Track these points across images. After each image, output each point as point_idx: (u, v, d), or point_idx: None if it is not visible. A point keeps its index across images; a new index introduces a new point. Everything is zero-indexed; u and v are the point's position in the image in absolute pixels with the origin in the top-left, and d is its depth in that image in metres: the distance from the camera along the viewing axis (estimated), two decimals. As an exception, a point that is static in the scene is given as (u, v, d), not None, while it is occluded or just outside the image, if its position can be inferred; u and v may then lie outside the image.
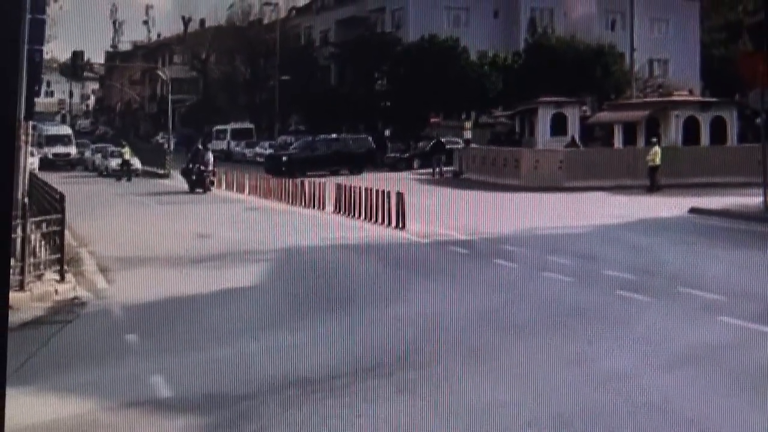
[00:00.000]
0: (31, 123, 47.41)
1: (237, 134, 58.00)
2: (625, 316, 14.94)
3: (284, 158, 45.88)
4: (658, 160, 36.20)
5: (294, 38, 64.44)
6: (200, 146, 41.18)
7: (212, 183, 38.75)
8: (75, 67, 59.00)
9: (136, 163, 45.91)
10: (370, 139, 49.25)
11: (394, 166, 47.75)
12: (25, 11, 20.19)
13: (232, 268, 19.89)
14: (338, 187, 30.21)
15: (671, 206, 29.25)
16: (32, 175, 25.56)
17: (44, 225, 19.00)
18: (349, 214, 28.68)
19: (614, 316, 14.98)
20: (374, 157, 47.54)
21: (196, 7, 69.23)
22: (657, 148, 37.04)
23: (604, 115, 48.66)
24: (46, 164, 48.96)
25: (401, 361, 12.44)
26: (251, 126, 59.18)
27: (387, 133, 54.43)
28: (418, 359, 12.51)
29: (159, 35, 70.62)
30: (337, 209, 29.65)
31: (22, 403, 10.69)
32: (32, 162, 30.90)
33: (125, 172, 44.57)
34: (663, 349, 12.92)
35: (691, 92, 52.38)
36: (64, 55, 61.00)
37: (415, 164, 48.13)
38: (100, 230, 25.15)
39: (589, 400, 10.77)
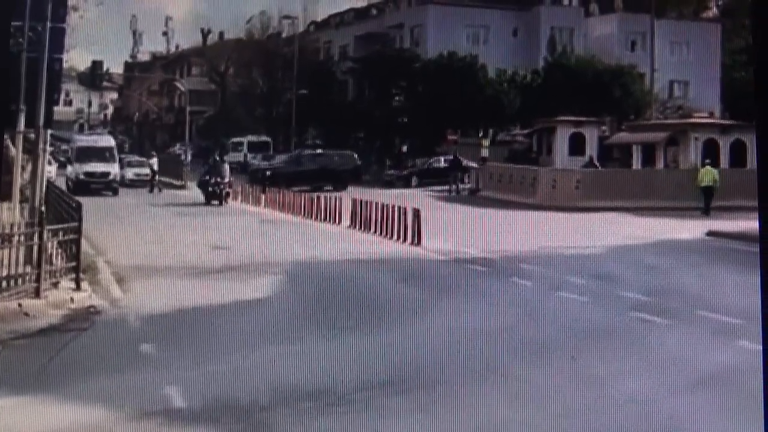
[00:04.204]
0: (65, 133, 46.69)
1: (254, 147, 57.96)
2: (641, 339, 14.83)
3: (268, 172, 45.61)
4: (711, 182, 35.86)
5: (312, 52, 64.51)
6: (217, 158, 41.21)
7: (228, 195, 38.77)
8: (94, 77, 58.79)
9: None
10: (355, 155, 49.05)
11: (392, 184, 47.44)
12: (47, 20, 20.31)
13: (247, 280, 19.88)
14: (354, 201, 30.17)
15: (689, 228, 29.10)
16: (49, 183, 25.57)
17: (61, 233, 19.01)
18: (365, 229, 28.62)
19: (630, 338, 14.88)
20: (360, 174, 47.19)
21: (215, 19, 69.34)
22: (713, 170, 36.74)
23: (623, 136, 48.46)
24: (77, 188, 38.68)
25: (417, 378, 12.37)
26: (268, 139, 59.18)
27: (404, 149, 54.37)
28: (433, 377, 12.44)
29: (178, 47, 70.82)
30: (353, 224, 29.59)
31: (36, 411, 10.68)
32: (49, 170, 30.90)
33: (152, 182, 44.35)
34: (680, 372, 12.82)
35: (711, 114, 52.12)
36: (84, 64, 61.13)
37: (414, 182, 47.85)
38: (116, 240, 25.16)
39: (604, 422, 10.69)
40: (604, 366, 13.15)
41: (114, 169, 42.47)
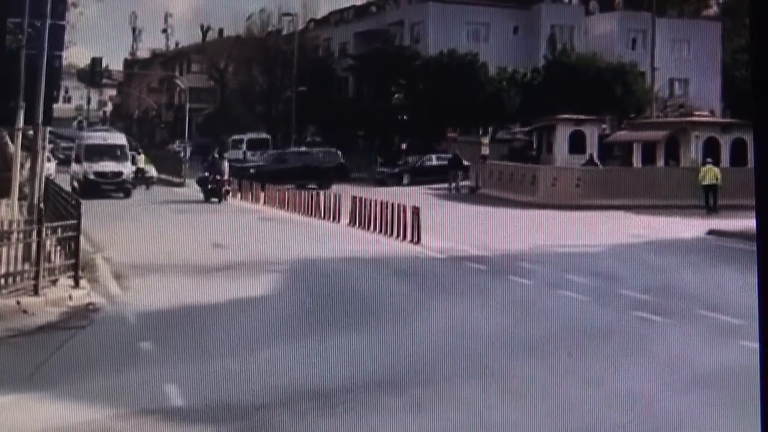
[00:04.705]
0: (65, 131, 45.98)
1: (253, 144, 57.93)
2: (642, 338, 14.79)
3: (252, 170, 45.38)
4: (713, 179, 35.87)
5: (312, 50, 64.54)
6: (216, 156, 41.17)
7: (227, 192, 38.74)
8: (93, 74, 58.74)
9: (152, 171, 45.56)
10: (339, 153, 49.03)
11: (383, 182, 47.31)
12: (46, 17, 20.27)
13: (246, 278, 19.84)
14: (354, 199, 30.14)
15: (690, 227, 29.09)
16: (48, 180, 25.53)
17: (59, 230, 18.97)
18: (364, 227, 28.58)
19: (631, 338, 14.84)
20: (345, 171, 47.06)
21: (215, 16, 69.51)
22: (715, 168, 36.79)
23: (624, 134, 48.47)
24: (85, 190, 36.24)
25: (415, 377, 12.33)
26: (268, 136, 59.16)
27: (404, 146, 54.33)
28: (431, 376, 12.40)
29: (177, 44, 70.94)
30: (353, 222, 29.56)
31: (34, 409, 10.64)
32: (49, 167, 30.78)
33: (140, 180, 43.83)
34: (682, 372, 12.78)
35: (712, 113, 52.16)
36: (83, 61, 61.13)
37: (405, 180, 47.71)
38: (115, 237, 25.13)
39: (604, 422, 10.66)
40: (603, 365, 13.11)
41: (127, 168, 39.40)
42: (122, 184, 38.63)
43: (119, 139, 41.86)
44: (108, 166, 38.81)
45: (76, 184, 38.16)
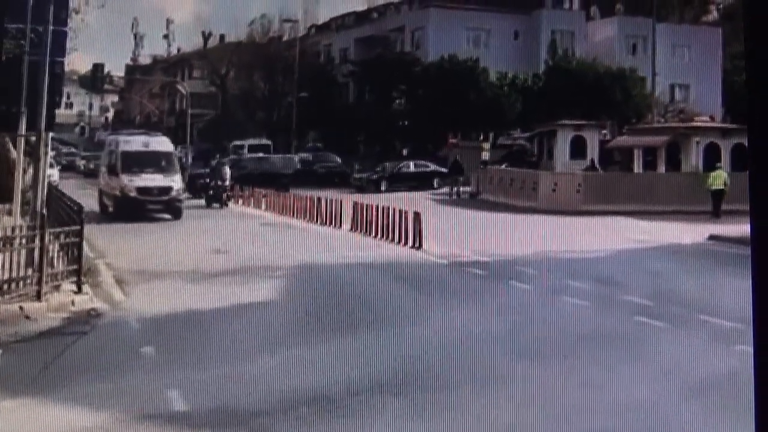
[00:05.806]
0: (109, 135, 45.59)
1: (254, 150, 57.92)
2: (643, 343, 14.82)
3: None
4: (722, 185, 35.83)
5: (313, 56, 64.59)
6: (218, 161, 41.20)
7: (229, 198, 38.77)
8: (95, 79, 58.71)
9: None
10: (296, 159, 49.34)
11: (361, 188, 47.12)
12: (48, 23, 20.33)
13: (248, 283, 19.85)
14: (355, 205, 30.15)
15: (691, 233, 29.07)
16: (50, 186, 25.58)
17: (62, 236, 19.01)
18: (366, 233, 28.59)
19: (632, 343, 14.86)
20: (300, 177, 47.08)
21: (216, 22, 69.54)
22: (723, 173, 36.75)
23: (624, 140, 48.39)
24: (122, 208, 31.08)
25: (416, 382, 12.36)
26: (269, 142, 59.14)
27: (405, 152, 54.34)
28: (432, 381, 12.42)
29: (179, 49, 70.95)
30: (354, 227, 29.57)
31: (37, 414, 10.67)
32: (52, 173, 30.76)
33: None
34: (681, 377, 12.80)
35: (712, 118, 52.06)
36: (85, 67, 61.11)
37: (383, 186, 47.50)
38: (117, 243, 25.16)
39: (604, 426, 10.68)
40: (604, 369, 13.13)
41: (177, 183, 32.09)
42: (171, 203, 31.70)
43: (165, 144, 34.20)
44: (153, 179, 31.73)
45: (108, 201, 32.58)
